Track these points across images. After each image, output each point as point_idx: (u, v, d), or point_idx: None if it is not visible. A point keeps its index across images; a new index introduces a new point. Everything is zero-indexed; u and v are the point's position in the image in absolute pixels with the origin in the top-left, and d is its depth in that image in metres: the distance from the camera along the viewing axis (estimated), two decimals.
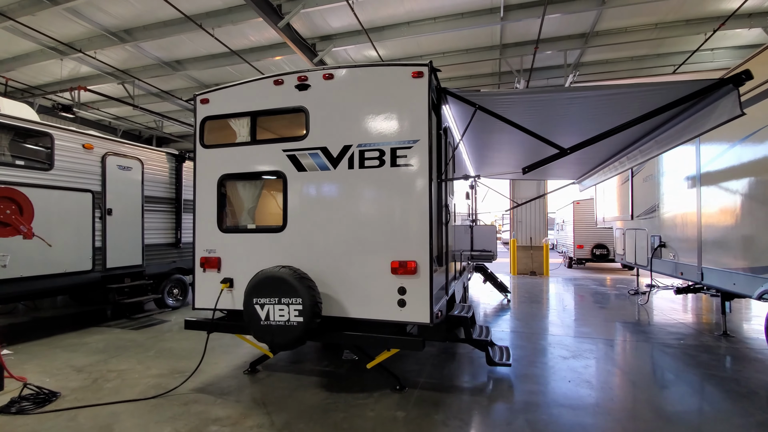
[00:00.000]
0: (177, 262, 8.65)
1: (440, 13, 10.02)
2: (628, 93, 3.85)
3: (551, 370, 4.84)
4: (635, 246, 9.62)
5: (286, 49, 11.64)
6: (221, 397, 4.03)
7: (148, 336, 6.39)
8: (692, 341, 6.08)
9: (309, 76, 4.23)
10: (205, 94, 4.65)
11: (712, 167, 6.28)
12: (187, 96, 14.98)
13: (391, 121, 3.93)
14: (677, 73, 11.59)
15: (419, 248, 3.79)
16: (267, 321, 3.70)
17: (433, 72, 3.87)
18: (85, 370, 4.82)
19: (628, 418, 3.62)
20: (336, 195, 4.10)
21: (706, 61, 11.53)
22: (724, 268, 5.97)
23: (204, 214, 4.60)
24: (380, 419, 3.57)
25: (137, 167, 7.73)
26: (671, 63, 11.84)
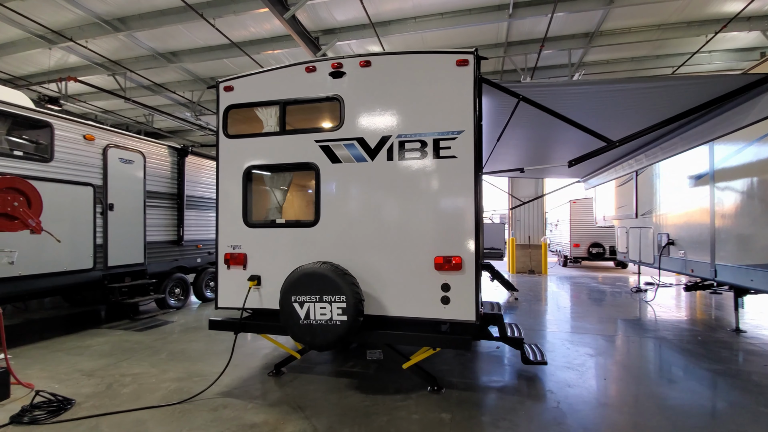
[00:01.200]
0: (179, 260, 8.30)
1: (448, 8, 9.91)
2: (675, 86, 3.79)
3: (581, 368, 4.77)
4: (640, 244, 9.72)
5: (287, 42, 11.37)
6: (252, 401, 3.80)
7: (155, 338, 6.07)
8: (708, 338, 6.13)
9: (344, 63, 4.03)
10: (229, 81, 4.40)
11: (728, 165, 6.33)
12: (180, 89, 14.51)
13: (433, 110, 3.77)
14: (677, 74, 11.77)
15: (464, 243, 3.65)
16: (307, 320, 3.50)
17: (477, 60, 3.73)
18: (95, 375, 4.50)
19: (679, 415, 3.56)
20: (374, 188, 3.91)
21: (704, 63, 11.76)
22: (740, 265, 6.03)
23: (228, 208, 4.35)
24: (426, 422, 3.41)
25: (139, 161, 7.36)
26: (670, 64, 12.04)
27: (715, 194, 6.66)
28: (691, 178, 7.43)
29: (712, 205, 6.74)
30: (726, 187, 6.40)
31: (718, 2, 9.20)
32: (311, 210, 4.11)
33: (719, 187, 6.57)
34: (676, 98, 3.84)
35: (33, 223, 3.94)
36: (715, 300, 9.47)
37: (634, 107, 4.03)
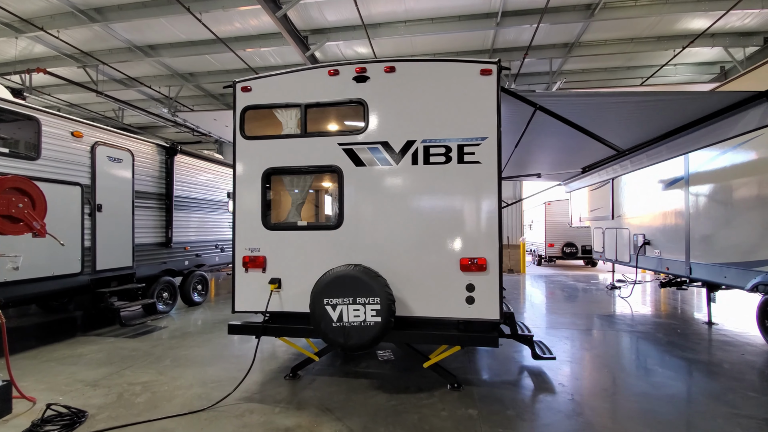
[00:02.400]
0: (167, 263, 7.99)
1: (439, 14, 10.12)
2: (673, 100, 4.12)
3: (582, 361, 5.06)
4: (616, 244, 10.33)
5: (274, 39, 11.20)
6: (277, 405, 3.78)
7: (151, 344, 5.84)
8: (687, 331, 6.64)
9: (368, 67, 4.08)
10: (247, 81, 4.34)
11: (702, 170, 6.88)
12: (156, 84, 13.92)
13: (457, 116, 3.90)
14: (646, 85, 12.60)
15: (489, 245, 3.80)
16: (340, 322, 3.53)
17: (500, 70, 3.89)
18: (100, 385, 4.30)
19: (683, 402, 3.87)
20: (399, 191, 3.99)
21: (670, 75, 12.66)
22: (714, 263, 6.58)
23: (246, 210, 4.28)
24: (456, 418, 3.53)
25: (127, 159, 7.03)
26: (640, 75, 12.87)
27: (690, 198, 7.22)
28: (666, 182, 8.00)
29: (687, 207, 7.30)
30: (700, 191, 6.96)
31: (686, 19, 9.95)
32: (334, 212, 4.13)
33: (694, 191, 7.13)
34: (679, 111, 4.17)
35: (38, 226, 3.72)
36: (682, 295, 10.22)
37: (637, 118, 4.34)
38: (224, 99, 16.32)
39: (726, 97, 4.03)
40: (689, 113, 4.21)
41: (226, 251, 10.05)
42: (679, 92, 4.07)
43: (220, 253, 9.83)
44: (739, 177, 6.05)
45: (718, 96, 4.06)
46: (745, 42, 10.36)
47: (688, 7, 9.20)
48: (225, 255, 10.02)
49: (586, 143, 4.61)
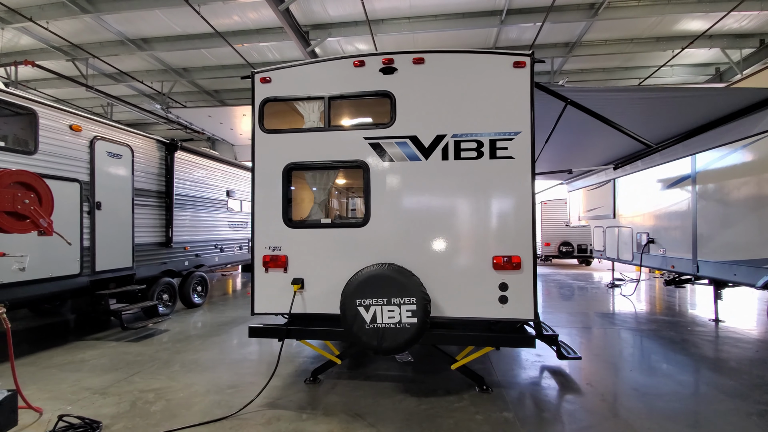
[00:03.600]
0: (167, 263, 7.69)
1: (443, 11, 10.03)
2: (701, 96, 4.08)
3: (602, 360, 5.01)
4: (618, 242, 10.39)
5: (274, 34, 10.98)
6: (303, 412, 3.60)
7: (156, 348, 5.58)
8: (696, 327, 6.67)
9: (395, 59, 3.94)
10: (266, 72, 4.14)
11: (710, 168, 6.91)
12: (148, 79, 13.49)
13: (489, 110, 3.78)
14: (644, 86, 12.73)
15: (523, 243, 3.69)
16: (374, 324, 3.37)
17: (533, 62, 3.79)
18: (109, 393, 4.05)
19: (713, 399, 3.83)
20: (429, 187, 3.85)
21: (667, 76, 12.83)
22: (722, 261, 6.62)
23: (265, 207, 4.08)
24: (493, 422, 3.41)
25: (127, 155, 6.73)
26: (638, 76, 13.02)
27: (697, 196, 7.26)
28: (672, 180, 8.04)
29: (694, 206, 7.34)
30: (708, 190, 7.00)
31: (686, 20, 10.07)
32: (360, 209, 3.97)
33: (701, 189, 7.17)
34: (706, 107, 4.14)
35: (45, 224, 3.47)
36: (681, 293, 10.34)
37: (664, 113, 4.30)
38: (219, 95, 15.96)
39: (751, 94, 4.01)
40: (716, 109, 4.18)
41: (225, 251, 9.77)
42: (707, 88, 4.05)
43: (219, 253, 9.54)
44: (749, 175, 6.09)
45: (743, 93, 4.04)
46: (741, 43, 10.55)
47: (689, 7, 9.30)
48: (224, 255, 9.74)
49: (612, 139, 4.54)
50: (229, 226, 10.00)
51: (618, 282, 11.58)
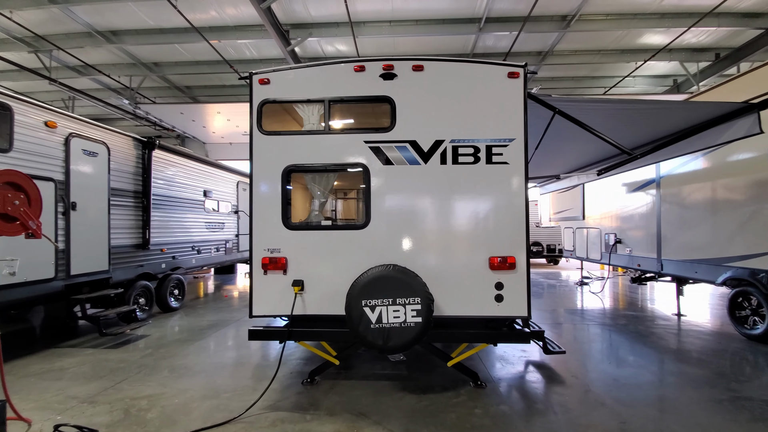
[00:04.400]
0: (144, 266, 7.40)
1: (424, 16, 10.22)
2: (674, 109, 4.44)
3: (580, 354, 5.33)
4: (587, 242, 10.98)
5: (253, 32, 10.79)
6: (307, 413, 3.62)
7: (140, 354, 5.39)
8: (661, 321, 7.19)
9: (395, 65, 4.03)
10: (265, 73, 4.12)
11: (674, 173, 7.46)
12: (115, 73, 12.87)
13: (485, 118, 3.95)
14: (608, 95, 13.50)
15: (517, 244, 3.89)
16: (379, 324, 3.44)
17: (526, 73, 3.99)
18: (98, 401, 3.89)
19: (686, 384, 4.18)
20: (428, 191, 3.97)
21: (629, 86, 13.66)
22: (685, 260, 7.17)
23: (264, 209, 4.06)
24: (493, 415, 3.57)
25: (103, 153, 6.44)
26: (603, 85, 13.77)
27: (661, 199, 7.82)
28: (638, 185, 8.60)
29: (658, 208, 7.90)
30: (671, 193, 7.56)
31: (648, 35, 10.79)
32: (359, 212, 4.03)
33: (665, 192, 7.74)
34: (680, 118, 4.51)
35: (34, 226, 3.30)
36: (642, 290, 11.05)
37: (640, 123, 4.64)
38: (191, 92, 15.45)
39: (720, 107, 4.41)
40: (686, 120, 4.56)
41: (202, 253, 9.51)
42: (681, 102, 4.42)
43: (196, 255, 9.28)
44: (707, 180, 6.65)
45: (714, 106, 4.44)
46: (698, 57, 11.42)
47: (653, 22, 9.98)
48: (201, 257, 9.47)
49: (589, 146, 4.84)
50: (206, 227, 9.74)
51: (586, 280, 12.22)
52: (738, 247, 6.04)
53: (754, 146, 5.65)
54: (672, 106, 4.55)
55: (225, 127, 16.14)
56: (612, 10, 9.84)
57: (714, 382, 4.32)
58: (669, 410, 3.68)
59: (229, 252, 10.91)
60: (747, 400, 3.86)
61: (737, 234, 6.05)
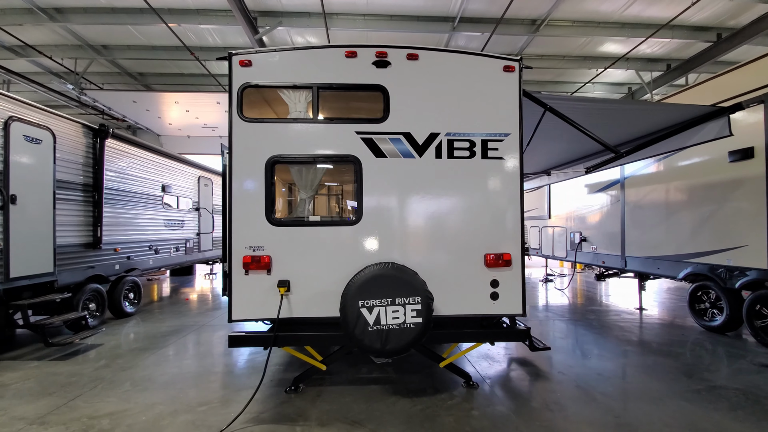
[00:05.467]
0: (95, 267, 6.68)
1: (399, 11, 10.09)
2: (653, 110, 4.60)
3: (562, 350, 5.41)
4: (553, 241, 11.35)
5: (217, 17, 10.16)
6: (296, 424, 3.34)
7: (93, 366, 4.81)
8: (626, 315, 7.54)
9: (389, 52, 3.83)
10: (246, 54, 3.77)
11: (637, 174, 7.84)
12: (58, 55, 11.64)
13: (480, 111, 3.86)
14: None
15: (512, 240, 3.83)
16: (377, 325, 3.22)
17: (521, 68, 3.94)
18: (50, 421, 3.38)
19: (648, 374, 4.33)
20: (422, 185, 3.81)
21: (589, 92, 14.32)
22: (647, 256, 7.55)
23: (245, 203, 3.72)
24: (490, 416, 3.48)
25: (48, 140, 5.71)
26: (566, 90, 14.34)
27: (625, 199, 8.20)
28: (603, 185, 8.98)
29: (622, 208, 8.27)
30: (635, 194, 7.93)
31: (609, 44, 11.34)
32: (351, 207, 3.80)
33: (629, 193, 8.11)
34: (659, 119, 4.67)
35: None
36: (602, 285, 11.60)
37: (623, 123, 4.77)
38: (144, 79, 14.33)
39: (695, 110, 4.61)
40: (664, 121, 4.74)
41: (161, 253, 8.79)
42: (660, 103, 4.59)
43: (154, 255, 8.56)
44: (670, 182, 7.03)
45: (690, 108, 4.63)
46: (652, 67, 12.16)
47: (614, 31, 10.48)
48: (159, 258, 8.76)
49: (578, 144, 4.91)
50: (164, 224, 9.03)
51: (550, 277, 12.66)
52: (697, 244, 6.42)
53: (710, 150, 6.01)
54: (652, 107, 4.72)
55: (183, 119, 15.13)
56: (578, 17, 10.23)
57: (689, 372, 4.51)
58: (653, 402, 3.76)
59: (189, 252, 10.20)
60: (722, 389, 4.04)
61: (696, 232, 6.42)
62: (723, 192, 5.96)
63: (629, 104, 4.66)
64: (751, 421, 3.38)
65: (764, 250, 5.29)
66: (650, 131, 5.00)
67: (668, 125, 4.85)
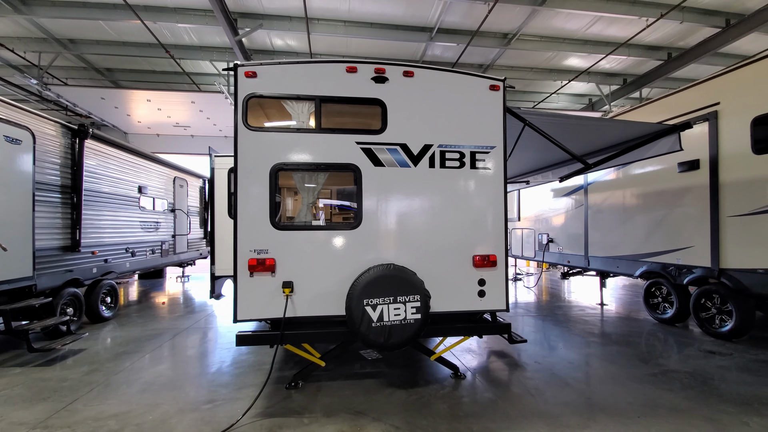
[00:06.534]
0: (74, 271, 6.52)
1: (379, 20, 10.40)
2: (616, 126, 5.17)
3: (536, 343, 5.91)
4: (522, 242, 12.04)
5: (194, 16, 10.07)
6: (302, 416, 3.55)
7: (82, 370, 4.77)
8: (590, 310, 8.22)
9: (387, 69, 4.12)
10: (252, 66, 3.94)
11: (598, 181, 8.57)
12: (20, 48, 11.06)
13: (470, 126, 4.23)
14: (537, 109, 14.91)
15: (497, 243, 4.22)
16: (380, 322, 3.50)
17: (504, 87, 4.35)
18: (53, 425, 3.41)
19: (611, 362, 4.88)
20: (417, 192, 4.13)
21: (554, 102, 15.25)
22: (608, 256, 8.28)
23: (250, 208, 3.89)
24: (480, 402, 3.84)
25: (27, 141, 5.56)
26: (532, 100, 15.19)
27: (588, 203, 8.92)
28: (569, 190, 9.69)
29: (586, 212, 8.99)
30: (597, 198, 8.66)
31: (572, 59, 12.19)
32: (350, 212, 4.06)
33: (591, 198, 8.83)
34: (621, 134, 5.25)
35: None
36: (566, 283, 12.43)
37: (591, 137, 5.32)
38: (112, 75, 13.83)
39: (651, 127, 5.22)
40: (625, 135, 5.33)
41: (137, 256, 8.62)
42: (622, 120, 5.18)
43: (130, 258, 8.39)
44: (627, 188, 7.76)
45: (646, 125, 5.23)
46: (610, 81, 13.18)
47: (577, 47, 11.31)
48: (136, 260, 8.59)
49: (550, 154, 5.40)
50: (141, 227, 8.86)
51: (519, 276, 13.39)
52: (651, 245, 7.15)
53: (663, 161, 6.74)
54: (616, 124, 5.28)
55: (153, 117, 14.71)
56: (546, 33, 10.96)
57: (645, 359, 5.11)
58: (619, 385, 4.28)
59: (165, 254, 10.01)
60: (674, 372, 4.64)
61: (651, 234, 7.15)
62: (673, 198, 6.69)
63: (597, 121, 5.19)
64: (699, 399, 3.94)
65: (708, 250, 6.02)
66: (613, 143, 5.59)
67: (629, 139, 5.45)
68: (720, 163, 5.90)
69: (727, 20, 10.02)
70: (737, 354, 5.29)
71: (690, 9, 9.78)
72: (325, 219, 4.41)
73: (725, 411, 3.67)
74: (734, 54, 11.48)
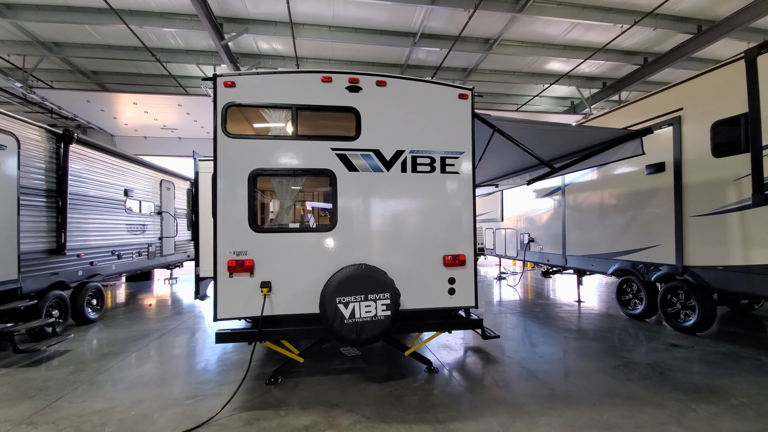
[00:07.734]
0: (59, 273, 6.61)
1: (364, 25, 10.60)
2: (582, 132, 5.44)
3: (510, 338, 6.16)
4: (505, 241, 12.33)
5: (180, 21, 10.17)
6: (279, 409, 3.74)
7: (67, 370, 4.89)
8: (568, 307, 8.51)
9: (360, 79, 4.33)
10: (231, 76, 4.12)
11: (574, 183, 8.87)
12: (4, 51, 11.06)
13: (440, 132, 4.46)
14: (520, 111, 15.26)
15: (467, 243, 4.45)
16: (352, 319, 3.70)
17: (473, 96, 4.58)
18: (38, 422, 3.55)
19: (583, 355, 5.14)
20: (390, 196, 4.34)
21: (537, 104, 15.60)
22: (584, 255, 8.58)
23: (229, 212, 4.06)
24: (449, 393, 4.07)
25: (12, 146, 5.66)
26: (516, 102, 15.52)
27: (566, 204, 9.22)
28: (548, 191, 10.00)
29: (563, 212, 9.29)
30: (573, 200, 8.97)
31: (554, 63, 12.52)
32: (325, 214, 4.25)
33: (568, 199, 9.14)
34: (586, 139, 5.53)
35: None
36: (547, 282, 12.74)
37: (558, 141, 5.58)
38: (98, 77, 13.83)
39: (614, 132, 5.50)
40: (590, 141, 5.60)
41: (123, 258, 8.71)
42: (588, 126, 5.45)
43: (116, 260, 8.47)
44: (600, 189, 8.07)
45: (610, 131, 5.51)
46: (590, 84, 13.54)
47: (558, 52, 11.64)
48: (122, 263, 8.67)
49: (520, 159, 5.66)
50: (127, 229, 8.94)
51: (503, 275, 13.69)
52: (623, 244, 7.45)
53: (633, 163, 7.05)
54: (581, 130, 5.56)
55: (140, 119, 14.73)
56: (526, 39, 11.26)
57: (611, 352, 5.38)
58: (582, 376, 4.53)
59: (152, 256, 10.10)
60: (635, 364, 4.91)
61: (622, 233, 7.45)
62: (642, 199, 7.00)
63: (562, 127, 5.45)
64: (655, 388, 4.20)
65: (673, 248, 6.33)
66: (580, 148, 5.87)
67: (595, 144, 5.72)
68: (683, 165, 6.21)
69: (699, 26, 10.41)
70: (698, 347, 5.59)
71: (663, 16, 10.15)
72: (301, 222, 4.57)
73: (677, 399, 3.94)
74: (707, 59, 11.90)
